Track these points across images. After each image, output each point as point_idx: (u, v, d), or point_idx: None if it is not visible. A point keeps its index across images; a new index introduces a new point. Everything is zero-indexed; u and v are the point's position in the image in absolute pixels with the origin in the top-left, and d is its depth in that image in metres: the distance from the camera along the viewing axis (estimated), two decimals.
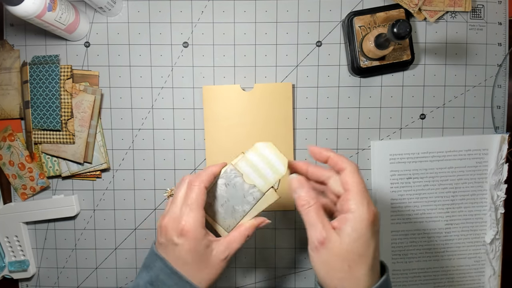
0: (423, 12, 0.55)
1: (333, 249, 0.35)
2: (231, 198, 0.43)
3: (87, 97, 0.55)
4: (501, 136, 0.57)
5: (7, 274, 0.59)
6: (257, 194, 0.42)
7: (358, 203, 0.36)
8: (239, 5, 0.57)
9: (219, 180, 0.43)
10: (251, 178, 0.42)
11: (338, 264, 0.35)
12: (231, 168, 0.42)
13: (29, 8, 0.44)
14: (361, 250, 0.35)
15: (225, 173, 0.43)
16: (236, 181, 0.43)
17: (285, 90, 0.56)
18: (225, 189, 0.43)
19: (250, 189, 0.42)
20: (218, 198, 0.43)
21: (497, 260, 0.58)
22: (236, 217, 0.43)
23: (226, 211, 0.43)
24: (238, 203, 0.43)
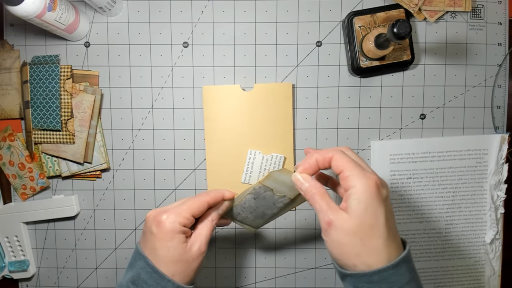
0: (423, 12, 0.55)
1: (342, 227, 0.34)
2: (260, 206, 0.45)
3: (87, 97, 0.55)
4: (501, 136, 0.57)
5: (7, 274, 0.59)
6: (286, 200, 0.44)
7: (355, 176, 0.35)
8: (239, 5, 0.57)
9: (247, 195, 0.44)
10: (280, 191, 0.43)
11: (350, 241, 0.34)
12: (259, 186, 0.43)
13: (29, 8, 0.44)
14: (371, 221, 0.34)
15: (255, 190, 0.43)
16: (266, 195, 0.43)
17: (285, 90, 0.56)
18: (254, 201, 0.44)
19: (280, 199, 0.44)
20: (246, 208, 0.45)
21: (497, 260, 0.58)
22: (265, 219, 0.46)
23: (256, 216, 0.46)
24: (267, 209, 0.45)
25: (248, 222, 0.47)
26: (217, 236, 0.59)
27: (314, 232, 0.59)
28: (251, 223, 0.47)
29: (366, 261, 0.34)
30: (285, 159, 0.57)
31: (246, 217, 0.46)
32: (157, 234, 0.39)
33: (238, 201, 0.45)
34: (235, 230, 0.59)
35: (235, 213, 0.46)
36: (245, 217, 0.46)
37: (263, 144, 0.56)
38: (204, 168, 0.58)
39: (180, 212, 0.40)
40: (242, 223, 0.47)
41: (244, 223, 0.47)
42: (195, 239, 0.41)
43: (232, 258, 0.59)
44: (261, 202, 0.44)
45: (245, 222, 0.47)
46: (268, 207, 0.45)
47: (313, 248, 0.59)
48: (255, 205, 0.44)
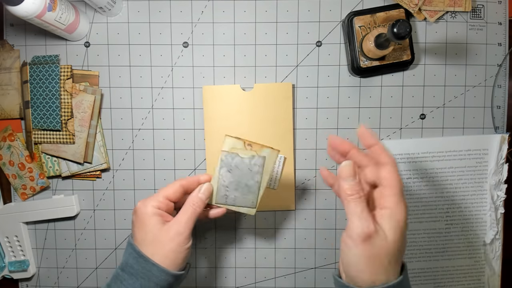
0: (423, 12, 0.55)
1: (379, 244, 0.34)
2: (240, 178, 0.45)
3: (87, 97, 0.55)
4: (501, 136, 0.57)
5: (7, 274, 0.59)
6: (260, 160, 0.44)
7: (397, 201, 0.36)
8: (239, 5, 0.57)
9: (220, 170, 0.44)
10: (245, 152, 0.44)
11: (382, 259, 0.34)
12: (224, 155, 0.44)
13: (29, 8, 0.44)
14: (401, 247, 0.36)
15: (222, 161, 0.44)
16: (236, 161, 0.44)
17: (285, 90, 0.56)
18: (230, 175, 0.45)
19: (252, 160, 0.44)
20: (229, 186, 0.45)
21: (497, 260, 0.58)
22: (254, 191, 0.45)
23: (243, 192, 0.45)
24: (248, 179, 0.45)
25: (241, 203, 0.46)
26: (217, 236, 0.59)
27: (314, 232, 0.59)
28: (244, 203, 0.46)
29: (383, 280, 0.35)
30: (285, 159, 0.57)
31: (235, 197, 0.46)
32: (135, 221, 0.43)
33: (217, 182, 0.45)
34: (235, 230, 0.59)
35: (222, 196, 0.45)
36: (234, 197, 0.46)
37: None
38: (204, 168, 0.58)
39: (154, 197, 0.43)
40: (235, 206, 0.46)
41: (237, 205, 0.46)
42: (174, 222, 0.42)
43: (232, 258, 0.59)
44: (238, 173, 0.45)
45: (237, 204, 0.46)
46: (247, 176, 0.45)
47: (313, 248, 0.59)
48: (235, 179, 0.45)
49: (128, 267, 0.41)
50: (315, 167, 0.58)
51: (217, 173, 0.45)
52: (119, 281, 0.41)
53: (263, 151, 0.44)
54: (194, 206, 0.43)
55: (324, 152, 0.58)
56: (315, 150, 0.58)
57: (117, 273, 0.42)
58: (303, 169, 0.58)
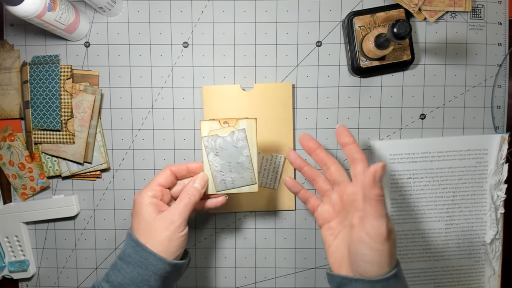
0: (423, 12, 0.55)
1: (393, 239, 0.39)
2: (229, 158, 0.45)
3: (87, 97, 0.55)
4: (501, 136, 0.57)
5: (7, 274, 0.59)
6: (241, 134, 0.44)
7: None
8: (239, 5, 0.57)
9: (209, 156, 0.45)
10: (224, 130, 0.44)
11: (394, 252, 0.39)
12: (206, 140, 0.44)
13: (29, 8, 0.44)
14: None
15: (206, 148, 0.44)
16: (219, 143, 0.45)
17: (285, 90, 0.56)
18: (219, 158, 0.45)
19: (233, 137, 0.44)
20: (223, 170, 0.45)
21: (497, 260, 0.58)
22: (247, 166, 0.45)
23: (237, 171, 0.45)
24: (238, 156, 0.45)
25: (240, 183, 0.46)
26: (217, 236, 0.59)
27: (314, 232, 0.59)
28: (244, 182, 0.46)
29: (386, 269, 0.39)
30: (285, 159, 0.57)
31: (232, 179, 0.46)
32: (132, 211, 0.44)
33: (210, 170, 0.45)
34: (235, 230, 0.59)
35: (220, 182, 0.46)
36: (231, 180, 0.46)
37: (263, 145, 0.56)
38: None
39: (148, 186, 0.44)
40: (236, 188, 0.46)
41: (238, 186, 0.46)
42: (168, 211, 0.43)
43: (232, 258, 0.59)
44: (225, 153, 0.45)
45: (237, 185, 0.46)
46: (236, 154, 0.45)
47: (313, 248, 0.59)
48: (225, 161, 0.45)
49: (126, 256, 0.42)
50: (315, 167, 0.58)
51: (206, 161, 0.45)
52: (116, 270, 0.42)
53: (240, 123, 0.44)
54: (189, 195, 0.44)
55: None
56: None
57: (115, 262, 0.43)
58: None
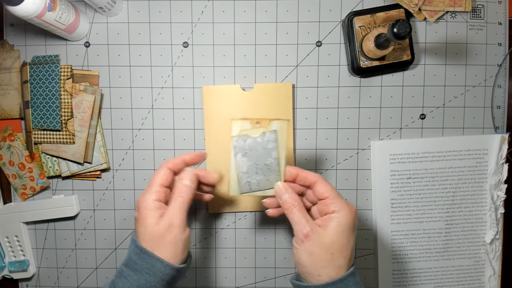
0: (423, 12, 0.55)
1: (318, 240, 0.40)
2: (257, 160, 0.43)
3: (87, 97, 0.55)
4: (501, 136, 0.57)
5: (7, 274, 0.59)
6: (272, 135, 0.43)
7: (340, 204, 0.41)
8: (239, 5, 0.57)
9: (236, 157, 0.43)
10: (255, 131, 0.43)
11: (323, 253, 0.39)
12: (235, 140, 0.43)
13: (29, 8, 0.44)
14: (344, 242, 0.40)
15: (235, 148, 0.43)
16: (248, 143, 0.43)
17: (285, 90, 0.56)
18: (247, 159, 0.43)
19: (264, 137, 0.43)
20: (249, 172, 0.44)
21: (497, 260, 0.58)
22: (274, 169, 0.44)
23: (264, 173, 0.44)
24: (266, 158, 0.43)
25: (265, 185, 0.44)
26: (217, 237, 0.59)
27: None
28: (269, 185, 0.44)
29: (330, 273, 0.39)
30: None
31: (258, 181, 0.44)
32: (137, 216, 0.43)
33: (236, 171, 0.44)
34: (235, 230, 0.59)
35: (245, 184, 0.44)
36: (257, 182, 0.44)
37: None
38: (204, 168, 0.58)
39: (151, 189, 0.43)
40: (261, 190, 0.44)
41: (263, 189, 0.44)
42: (166, 215, 0.42)
43: (232, 258, 0.59)
44: (254, 155, 0.43)
45: (262, 187, 0.44)
46: (264, 156, 0.43)
47: None
48: (253, 162, 0.43)
49: (132, 263, 0.41)
50: (315, 167, 0.58)
51: (233, 162, 0.43)
52: (123, 277, 0.41)
53: (272, 124, 0.43)
54: (181, 194, 0.43)
55: (324, 152, 0.58)
56: (315, 150, 0.58)
57: (121, 269, 0.42)
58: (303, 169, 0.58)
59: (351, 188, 0.58)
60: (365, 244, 0.59)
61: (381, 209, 0.57)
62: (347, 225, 0.40)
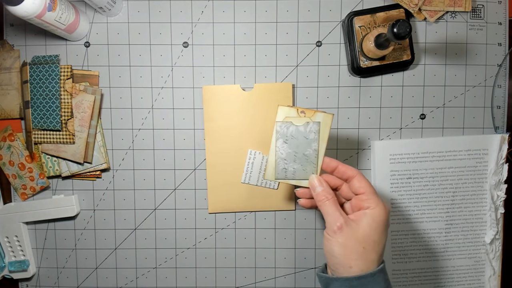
0: (423, 12, 0.55)
1: (351, 233, 0.40)
2: (297, 149, 0.44)
3: (87, 97, 0.55)
4: (501, 136, 0.57)
5: (7, 274, 0.59)
6: (315, 126, 0.44)
7: (375, 201, 0.41)
8: (239, 5, 0.57)
9: (277, 142, 0.44)
10: (299, 119, 0.44)
11: (356, 245, 0.40)
12: (279, 125, 0.44)
13: (29, 8, 0.44)
14: (377, 238, 0.41)
15: (277, 133, 0.44)
16: (291, 131, 0.44)
17: (285, 90, 0.56)
18: (287, 146, 0.44)
19: (306, 127, 0.44)
20: (287, 159, 0.44)
21: (497, 260, 0.58)
22: (312, 160, 0.44)
23: (301, 162, 0.44)
24: (306, 148, 0.44)
25: (301, 175, 0.45)
26: (217, 236, 0.59)
27: (314, 232, 0.59)
28: (304, 175, 0.45)
29: (361, 266, 0.40)
30: None
31: (294, 170, 0.45)
32: None
33: (274, 155, 0.44)
34: (235, 230, 0.59)
35: (281, 170, 0.45)
36: (293, 170, 0.45)
37: (263, 144, 0.56)
38: (204, 168, 0.58)
39: None
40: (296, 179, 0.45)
41: (298, 178, 0.45)
42: None
43: (232, 258, 0.59)
44: (294, 143, 0.44)
45: (298, 177, 0.45)
46: (304, 145, 0.44)
47: (313, 248, 0.59)
48: (292, 150, 0.44)
49: None
50: None
51: (273, 146, 0.44)
52: None
53: (317, 116, 0.44)
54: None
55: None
56: None
57: None
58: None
59: None
60: None
61: None
62: (381, 222, 0.41)
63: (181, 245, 0.59)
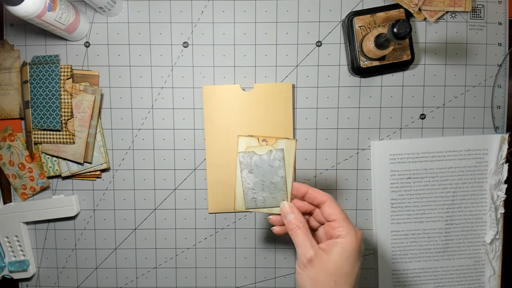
0: (423, 12, 0.55)
1: (322, 265, 0.38)
2: (263, 177, 0.43)
3: (87, 97, 0.55)
4: (501, 136, 0.57)
5: (7, 274, 0.59)
6: (278, 154, 0.43)
7: (347, 229, 0.39)
8: (239, 5, 0.57)
9: (242, 173, 0.43)
10: (261, 148, 0.43)
11: (326, 279, 0.38)
12: (241, 156, 0.43)
13: (29, 8, 0.44)
14: (348, 269, 0.38)
15: (241, 164, 0.43)
16: (255, 160, 0.43)
17: (285, 90, 0.56)
18: (253, 176, 0.43)
19: (270, 156, 0.43)
20: (255, 188, 0.44)
21: (497, 260, 0.58)
22: (281, 187, 0.44)
23: (270, 191, 0.44)
24: (272, 176, 0.43)
25: (271, 203, 0.44)
26: (217, 236, 0.59)
27: None
28: (275, 203, 0.44)
29: None
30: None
31: (264, 198, 0.44)
32: None
33: (242, 185, 0.43)
34: (235, 230, 0.59)
35: (251, 200, 0.44)
36: (263, 199, 0.44)
37: None
38: (204, 168, 0.58)
39: None
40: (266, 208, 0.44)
41: (268, 207, 0.44)
42: None
43: (232, 258, 0.59)
44: (260, 172, 0.43)
45: (268, 205, 0.44)
46: (270, 173, 0.43)
47: None
48: (259, 179, 0.43)
49: None
50: (315, 167, 0.58)
51: (239, 177, 0.43)
52: None
53: (279, 143, 0.43)
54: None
55: (324, 152, 0.58)
56: (315, 150, 0.58)
57: None
58: (303, 169, 0.58)
59: (351, 188, 0.58)
60: (365, 244, 0.59)
61: (381, 209, 0.57)
62: (352, 251, 0.39)
63: (181, 245, 0.59)
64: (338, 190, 0.58)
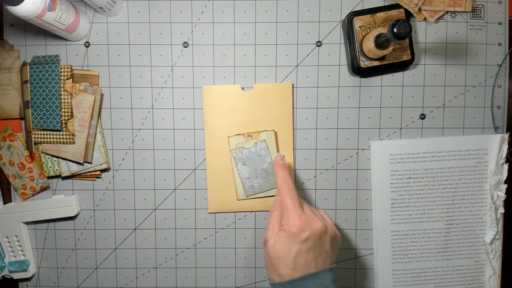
0: (423, 12, 0.55)
1: (267, 249, 0.44)
2: (255, 166, 0.53)
3: (87, 97, 0.55)
4: (501, 136, 0.57)
5: (7, 274, 0.59)
6: (262, 144, 0.53)
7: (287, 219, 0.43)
8: (239, 5, 0.57)
9: (237, 166, 0.53)
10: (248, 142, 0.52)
11: (269, 261, 0.44)
12: (234, 152, 0.52)
13: (29, 8, 0.44)
14: (280, 254, 0.42)
15: (235, 159, 0.52)
16: (245, 153, 0.53)
17: (285, 90, 0.56)
18: (246, 167, 0.53)
19: (256, 147, 0.52)
20: (250, 177, 0.53)
21: (497, 260, 0.58)
22: (270, 171, 0.54)
23: (263, 176, 0.53)
24: (262, 163, 0.53)
25: (266, 187, 0.54)
26: (217, 236, 0.59)
27: None
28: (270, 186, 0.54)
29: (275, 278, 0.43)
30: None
31: (259, 184, 0.53)
32: None
33: (239, 178, 0.52)
34: (235, 230, 0.59)
35: (249, 188, 0.53)
36: (258, 185, 0.53)
37: None
38: (204, 168, 0.58)
39: None
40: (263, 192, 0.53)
41: (264, 190, 0.54)
42: None
43: (232, 258, 0.59)
44: (251, 162, 0.53)
45: (264, 189, 0.54)
46: (260, 162, 0.53)
47: None
48: (252, 169, 0.53)
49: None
50: (315, 167, 0.58)
51: (235, 171, 0.52)
52: None
53: (261, 135, 0.53)
54: None
55: (324, 152, 0.58)
56: (315, 150, 0.58)
57: None
58: (303, 169, 0.58)
59: (351, 188, 0.58)
60: (365, 244, 0.59)
61: (381, 209, 0.57)
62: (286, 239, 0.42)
63: (181, 245, 0.59)
64: (338, 190, 0.58)
